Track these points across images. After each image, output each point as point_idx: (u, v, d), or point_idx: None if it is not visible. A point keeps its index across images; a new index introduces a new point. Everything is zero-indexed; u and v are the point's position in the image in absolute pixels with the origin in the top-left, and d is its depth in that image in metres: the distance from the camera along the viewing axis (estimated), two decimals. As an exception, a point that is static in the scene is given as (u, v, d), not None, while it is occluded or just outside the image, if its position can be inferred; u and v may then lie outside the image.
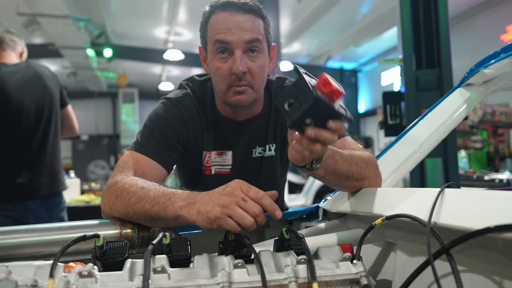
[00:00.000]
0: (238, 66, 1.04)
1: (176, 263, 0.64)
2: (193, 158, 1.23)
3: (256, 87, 1.11)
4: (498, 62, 1.14)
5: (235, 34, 1.05)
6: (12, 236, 0.84)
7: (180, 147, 1.16)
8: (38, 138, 2.22)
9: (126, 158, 1.07)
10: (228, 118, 1.22)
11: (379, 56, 11.07)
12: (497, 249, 0.62)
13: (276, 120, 1.26)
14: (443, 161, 2.88)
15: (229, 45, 1.06)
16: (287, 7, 7.98)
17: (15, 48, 2.31)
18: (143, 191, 0.88)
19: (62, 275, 0.57)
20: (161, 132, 1.12)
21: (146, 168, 1.05)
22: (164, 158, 1.10)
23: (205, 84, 1.25)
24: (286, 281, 0.61)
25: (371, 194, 0.92)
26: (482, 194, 0.64)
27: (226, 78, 1.08)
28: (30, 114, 2.18)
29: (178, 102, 1.18)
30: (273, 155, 1.28)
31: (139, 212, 0.87)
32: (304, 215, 1.24)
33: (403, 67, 3.07)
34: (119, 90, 13.09)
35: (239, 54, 1.05)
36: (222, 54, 1.08)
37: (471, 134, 6.83)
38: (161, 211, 0.83)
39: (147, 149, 1.08)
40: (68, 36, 7.70)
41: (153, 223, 0.88)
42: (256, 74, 1.09)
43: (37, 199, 2.18)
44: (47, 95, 2.27)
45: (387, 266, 0.94)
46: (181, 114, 1.17)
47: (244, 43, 1.06)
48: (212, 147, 1.23)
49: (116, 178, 0.97)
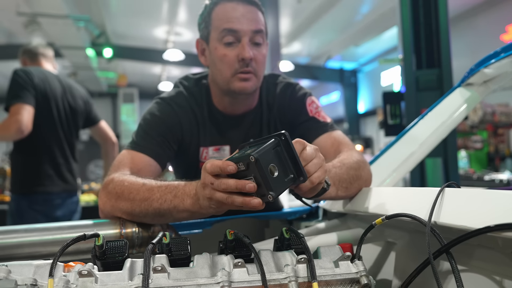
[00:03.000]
0: (248, 51, 1.10)
1: (176, 262, 0.64)
2: (189, 155, 1.24)
3: (259, 75, 1.16)
4: (498, 61, 1.14)
5: (243, 23, 1.11)
6: (11, 236, 0.84)
7: (175, 144, 1.18)
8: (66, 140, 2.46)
9: (121, 157, 1.09)
10: (225, 112, 1.24)
11: (379, 56, 11.07)
12: (497, 248, 0.62)
13: (269, 115, 1.28)
14: (443, 161, 2.88)
15: (237, 33, 1.11)
16: (287, 7, 7.98)
17: (50, 60, 2.60)
18: (145, 188, 0.88)
19: (62, 275, 0.57)
20: (155, 130, 1.14)
21: (141, 165, 1.07)
22: (159, 154, 1.11)
23: (200, 82, 1.27)
24: (286, 280, 0.61)
25: (371, 193, 0.92)
26: (482, 194, 0.64)
27: (232, 65, 1.12)
28: (64, 118, 2.44)
29: (172, 101, 1.20)
30: None
31: (147, 210, 0.87)
32: (304, 214, 1.24)
33: (403, 67, 3.07)
34: (119, 90, 13.08)
35: (246, 41, 1.11)
36: (229, 42, 1.12)
37: (471, 134, 6.83)
38: (172, 209, 0.83)
39: (142, 146, 1.10)
40: (68, 36, 7.70)
41: (162, 220, 0.89)
42: (260, 62, 1.15)
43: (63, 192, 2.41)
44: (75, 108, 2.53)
45: (387, 265, 0.94)
46: (175, 112, 1.19)
47: (251, 32, 1.12)
48: (209, 142, 1.24)
49: (111, 177, 0.97)
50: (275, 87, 1.29)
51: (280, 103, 1.27)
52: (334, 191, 0.87)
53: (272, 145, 0.66)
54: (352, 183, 0.94)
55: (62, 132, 2.42)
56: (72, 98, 2.51)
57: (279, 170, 0.66)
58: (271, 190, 0.64)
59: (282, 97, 1.27)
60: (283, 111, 1.27)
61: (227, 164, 0.66)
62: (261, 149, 0.64)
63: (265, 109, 1.28)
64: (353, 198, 0.99)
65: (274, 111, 1.27)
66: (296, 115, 1.25)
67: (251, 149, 0.67)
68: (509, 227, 0.52)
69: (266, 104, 1.28)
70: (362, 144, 10.29)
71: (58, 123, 2.40)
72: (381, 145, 10.56)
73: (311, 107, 1.24)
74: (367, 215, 0.90)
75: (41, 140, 2.33)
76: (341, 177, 0.91)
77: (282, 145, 0.68)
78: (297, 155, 0.67)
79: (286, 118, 1.27)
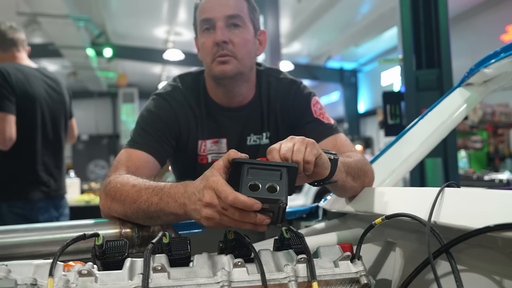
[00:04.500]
0: (219, 34, 1.13)
1: (176, 262, 0.64)
2: (188, 149, 1.24)
3: (239, 57, 1.16)
4: (498, 61, 1.14)
5: (217, 10, 1.15)
6: (11, 235, 0.84)
7: (173, 140, 1.18)
8: (52, 141, 2.30)
9: (120, 156, 1.09)
10: (221, 105, 1.25)
11: (379, 56, 11.07)
12: (497, 248, 0.62)
13: (269, 110, 1.28)
14: (443, 161, 2.88)
15: (212, 20, 1.15)
16: (287, 7, 7.98)
17: (25, 47, 2.33)
18: (134, 190, 0.87)
19: (62, 274, 0.57)
20: (153, 126, 1.14)
21: (139, 163, 1.06)
22: (157, 150, 1.11)
23: (198, 76, 1.29)
24: (286, 280, 0.61)
25: (371, 193, 0.92)
26: (482, 194, 0.64)
27: (210, 50, 1.15)
28: (48, 118, 2.26)
29: (168, 96, 1.21)
30: (268, 143, 1.29)
31: (137, 212, 0.86)
32: (304, 214, 1.24)
33: (403, 67, 3.07)
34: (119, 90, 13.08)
35: (220, 25, 1.14)
36: (207, 31, 1.16)
37: (471, 134, 6.83)
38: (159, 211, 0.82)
39: (140, 143, 1.10)
40: (68, 36, 7.70)
41: (152, 222, 0.88)
42: (239, 45, 1.16)
43: (46, 198, 2.23)
44: (62, 101, 2.37)
45: (387, 265, 0.94)
46: (172, 107, 1.19)
47: (225, 17, 1.15)
48: (207, 135, 1.25)
49: (110, 177, 0.98)
50: (278, 82, 1.28)
51: (283, 100, 1.26)
52: (343, 176, 0.87)
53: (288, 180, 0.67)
54: (359, 175, 0.94)
55: (46, 135, 2.24)
56: (57, 93, 2.32)
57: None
58: (282, 221, 0.70)
59: (286, 94, 1.26)
60: (286, 109, 1.26)
61: (254, 202, 0.64)
62: (285, 191, 0.65)
63: (265, 103, 1.27)
64: (353, 198, 0.99)
65: (276, 107, 1.26)
66: (299, 115, 1.24)
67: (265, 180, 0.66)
68: (508, 227, 0.52)
69: (267, 98, 1.27)
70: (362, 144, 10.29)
71: (40, 127, 2.20)
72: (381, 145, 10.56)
73: (315, 108, 1.23)
74: (367, 215, 0.90)
75: (23, 145, 2.13)
76: (350, 165, 0.91)
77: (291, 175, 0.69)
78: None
79: (288, 116, 1.26)
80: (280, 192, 0.65)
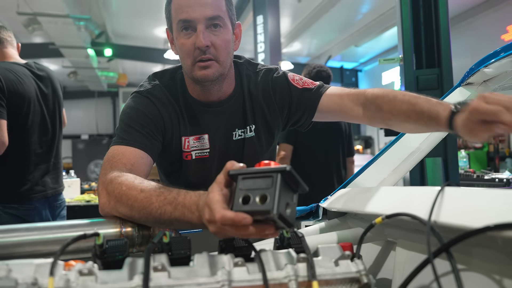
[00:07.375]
0: (201, 39, 1.08)
1: (176, 261, 0.64)
2: (173, 146, 1.23)
3: (221, 60, 1.15)
4: (498, 61, 1.14)
5: (196, 11, 1.09)
6: (12, 235, 0.84)
7: (160, 135, 1.17)
8: (47, 139, 2.26)
9: (112, 153, 1.06)
10: (200, 100, 1.24)
11: (379, 55, 11.08)
12: (497, 248, 0.62)
13: (253, 103, 1.28)
14: (443, 161, 2.88)
15: (192, 22, 1.10)
16: (287, 7, 7.98)
17: (14, 44, 2.30)
18: (143, 196, 0.86)
19: (62, 273, 0.57)
20: (139, 122, 1.12)
21: (134, 159, 1.05)
22: (147, 146, 1.10)
23: (176, 72, 1.28)
24: (286, 279, 0.61)
25: (371, 193, 0.92)
26: (482, 193, 0.64)
27: (190, 54, 1.12)
28: (41, 115, 2.21)
29: (149, 93, 1.20)
30: (253, 136, 1.29)
31: (147, 218, 0.86)
32: (304, 214, 1.24)
33: (403, 67, 3.06)
34: (119, 90, 13.10)
35: (201, 28, 1.10)
36: (186, 31, 1.12)
37: (471, 134, 6.80)
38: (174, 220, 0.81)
39: (130, 140, 1.08)
40: (68, 36, 7.71)
41: (163, 227, 0.88)
42: (220, 48, 1.13)
43: (42, 198, 2.19)
44: (55, 97, 2.32)
45: (387, 265, 0.95)
46: (154, 104, 1.18)
47: (205, 19, 1.10)
48: (189, 132, 1.24)
49: (109, 176, 0.96)
50: (256, 76, 1.30)
51: (264, 90, 1.27)
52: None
53: (280, 186, 0.61)
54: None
55: (41, 132, 2.20)
56: (49, 87, 2.26)
57: (291, 205, 0.64)
58: (290, 226, 0.64)
59: (265, 83, 1.28)
60: (269, 96, 1.27)
61: (242, 217, 0.61)
62: (276, 200, 0.59)
63: (247, 98, 1.28)
64: (353, 198, 0.99)
65: (259, 98, 1.27)
66: (285, 95, 1.26)
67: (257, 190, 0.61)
68: (509, 227, 0.52)
69: (248, 92, 1.28)
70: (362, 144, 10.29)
71: (34, 126, 2.16)
72: (381, 145, 10.56)
73: (297, 82, 1.26)
74: (367, 214, 0.90)
75: (17, 146, 2.09)
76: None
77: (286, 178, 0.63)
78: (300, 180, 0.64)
79: (274, 102, 1.27)
80: (269, 201, 0.60)
